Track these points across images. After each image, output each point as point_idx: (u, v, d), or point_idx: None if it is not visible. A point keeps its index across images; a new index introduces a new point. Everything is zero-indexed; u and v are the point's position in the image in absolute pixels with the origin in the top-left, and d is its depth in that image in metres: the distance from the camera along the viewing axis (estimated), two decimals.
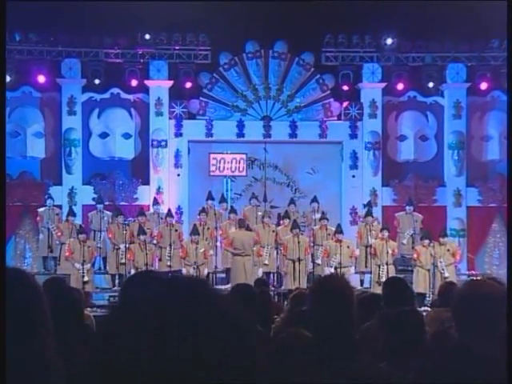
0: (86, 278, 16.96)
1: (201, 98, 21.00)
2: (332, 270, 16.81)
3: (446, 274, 16.65)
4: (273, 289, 16.86)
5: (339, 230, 17.48)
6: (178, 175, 20.82)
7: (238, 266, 17.08)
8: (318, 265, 17.61)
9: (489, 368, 3.00)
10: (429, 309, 11.93)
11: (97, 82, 20.67)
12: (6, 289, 2.27)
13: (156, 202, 19.58)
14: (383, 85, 21.20)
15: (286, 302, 10.51)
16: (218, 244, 18.51)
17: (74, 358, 3.09)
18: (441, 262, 16.98)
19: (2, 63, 13.06)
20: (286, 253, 17.28)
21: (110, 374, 1.43)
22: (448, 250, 17.17)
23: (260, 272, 17.16)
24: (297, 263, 17.05)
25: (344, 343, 3.36)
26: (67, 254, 17.33)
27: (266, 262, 17.52)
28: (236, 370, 1.45)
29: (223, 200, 19.53)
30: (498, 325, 3.07)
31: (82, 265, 17.02)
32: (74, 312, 4.71)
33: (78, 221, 19.00)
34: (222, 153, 20.68)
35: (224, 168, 20.65)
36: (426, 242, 17.24)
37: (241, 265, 17.04)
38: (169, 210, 18.69)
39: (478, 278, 10.64)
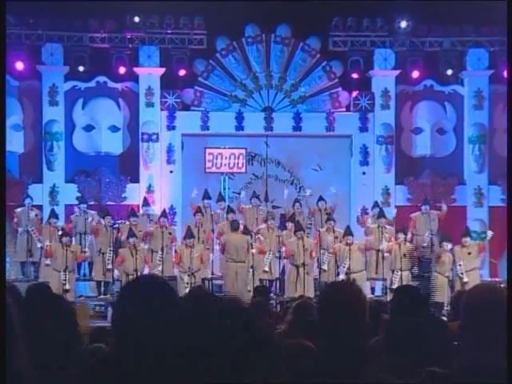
0: (67, 286, 16.82)
1: (196, 87, 20.96)
2: (341, 276, 16.76)
3: (465, 280, 16.60)
4: (274, 297, 16.78)
5: (348, 231, 17.44)
6: (171, 172, 20.79)
7: (230, 273, 17.02)
8: (325, 270, 17.58)
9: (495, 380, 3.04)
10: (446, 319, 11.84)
11: (81, 69, 20.63)
12: None
13: (146, 202, 19.52)
14: (397, 72, 21.15)
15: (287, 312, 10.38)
16: (216, 247, 18.39)
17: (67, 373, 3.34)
18: (460, 265, 16.92)
19: (2, 62, 13.13)
20: (289, 257, 17.21)
21: None
22: (469, 254, 17.09)
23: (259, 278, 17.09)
24: (301, 268, 17.00)
25: (355, 355, 3.38)
26: (47, 257, 17.23)
27: (266, 268, 17.43)
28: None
29: (221, 199, 19.45)
30: (501, 333, 3.12)
31: (64, 271, 16.89)
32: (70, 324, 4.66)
33: (61, 222, 18.95)
34: (219, 147, 20.61)
35: (221, 164, 20.58)
36: (447, 244, 17.15)
37: (232, 272, 16.97)
38: (163, 211, 18.71)
39: (484, 284, 10.54)
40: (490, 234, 18.36)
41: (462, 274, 16.89)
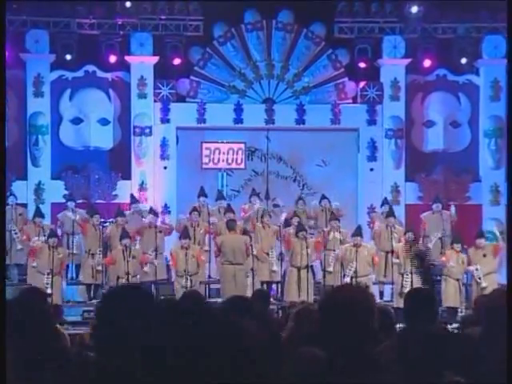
0: (49, 291, 16.61)
1: (191, 77, 20.99)
2: (347, 280, 16.67)
3: (484, 285, 16.52)
4: (275, 302, 16.66)
5: (358, 232, 17.36)
6: (165, 168, 20.80)
7: (227, 276, 17.02)
8: (330, 273, 17.49)
9: None
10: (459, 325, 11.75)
11: (68, 57, 20.61)
12: None
13: (134, 198, 19.53)
14: (407, 61, 21.17)
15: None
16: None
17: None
18: (477, 269, 16.80)
19: (2, 61, 13.23)
20: (290, 259, 17.13)
21: None
22: (484, 256, 16.97)
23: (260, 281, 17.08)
24: (303, 271, 16.95)
25: (361, 364, 3.39)
26: (31, 256, 17.17)
27: (275, 268, 17.37)
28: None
29: (221, 197, 19.36)
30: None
31: (49, 274, 16.77)
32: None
33: (47, 222, 18.93)
34: (217, 142, 20.65)
35: (219, 160, 20.60)
36: (458, 246, 17.06)
37: (230, 276, 16.99)
38: (150, 208, 18.63)
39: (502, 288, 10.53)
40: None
41: (479, 278, 16.77)
